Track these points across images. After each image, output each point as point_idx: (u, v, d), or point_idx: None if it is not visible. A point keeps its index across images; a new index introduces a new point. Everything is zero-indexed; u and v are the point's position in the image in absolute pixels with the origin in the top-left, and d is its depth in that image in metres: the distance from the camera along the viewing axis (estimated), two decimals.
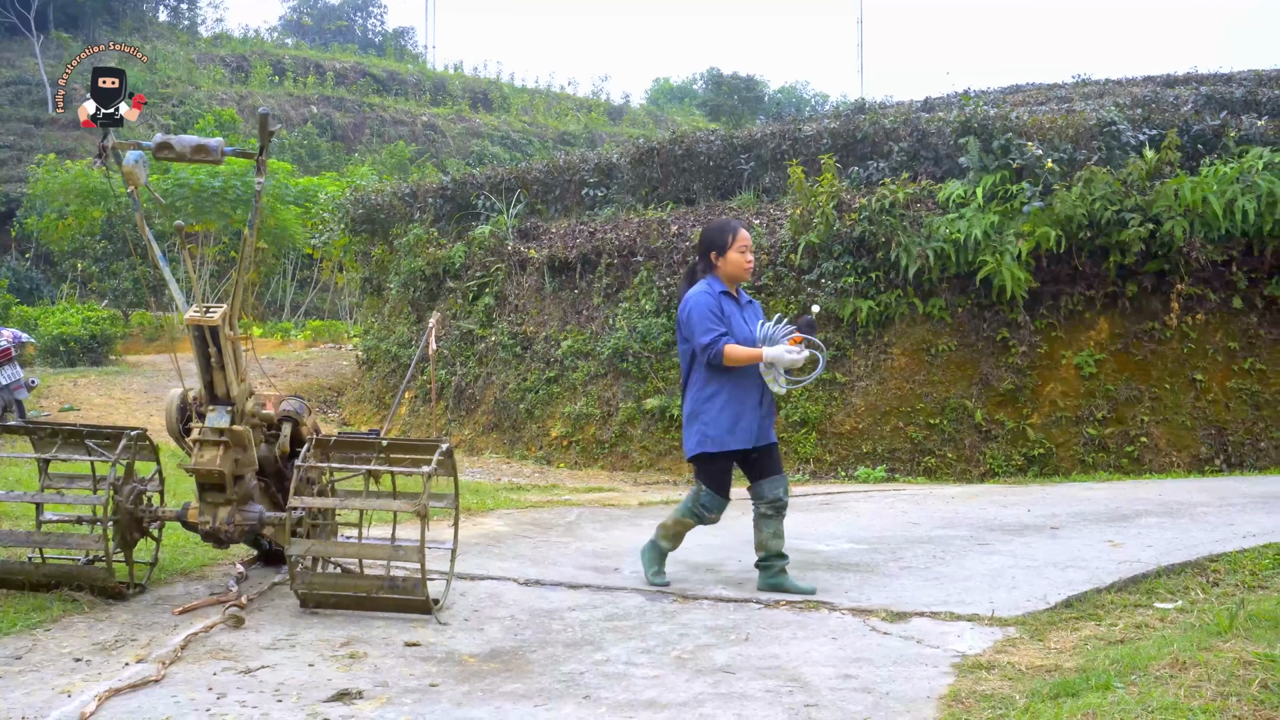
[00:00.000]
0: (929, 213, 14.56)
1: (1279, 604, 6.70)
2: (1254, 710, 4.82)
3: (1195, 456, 13.83)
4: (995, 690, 5.45)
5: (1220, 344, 14.19)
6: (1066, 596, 7.24)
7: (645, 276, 16.20)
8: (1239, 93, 17.39)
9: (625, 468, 15.02)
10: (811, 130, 17.35)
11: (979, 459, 13.90)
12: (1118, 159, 14.80)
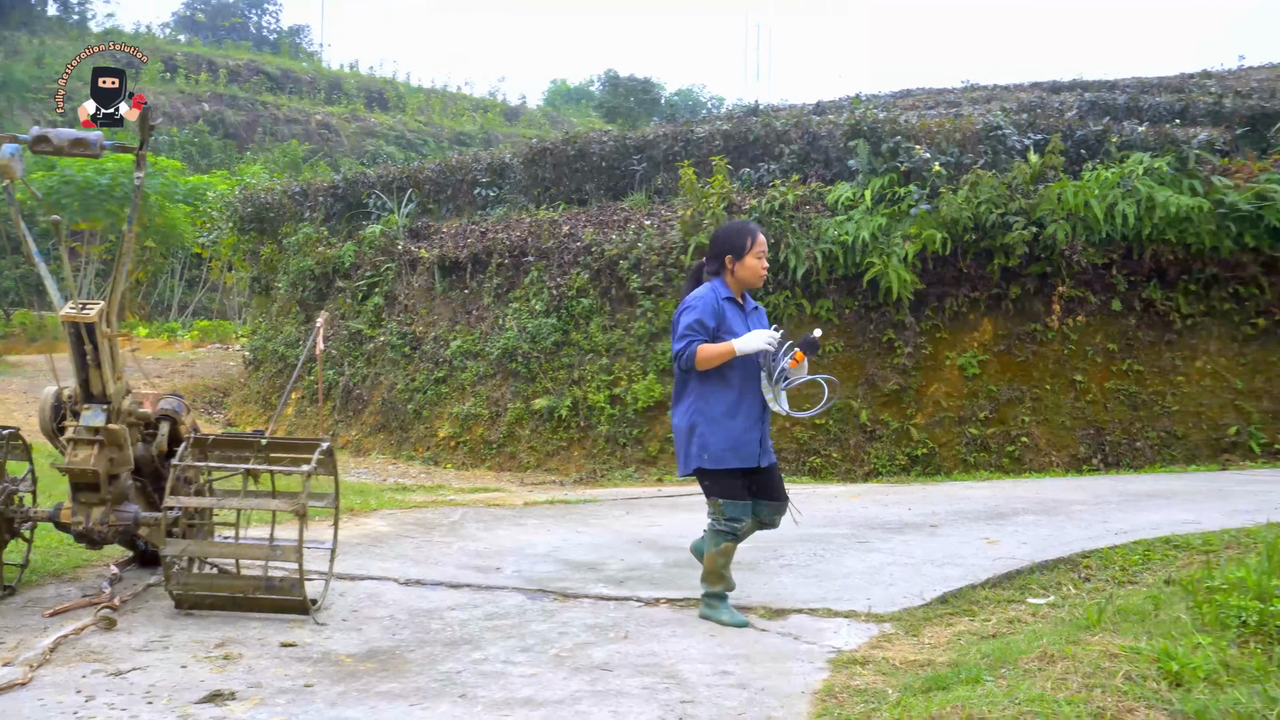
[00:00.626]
0: (818, 215, 14.68)
1: (1147, 599, 6.83)
2: (1117, 701, 4.90)
3: (1074, 456, 14.07)
4: (869, 685, 5.50)
5: (1100, 345, 14.45)
6: (942, 593, 7.33)
7: (536, 276, 16.17)
8: (1122, 99, 17.74)
9: (513, 468, 14.97)
10: (704, 132, 17.43)
11: (864, 459, 14.03)
12: (1003, 163, 15.03)
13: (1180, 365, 14.58)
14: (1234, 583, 6.74)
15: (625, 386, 14.92)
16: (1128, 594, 7.24)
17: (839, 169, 15.73)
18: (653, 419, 14.72)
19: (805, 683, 5.52)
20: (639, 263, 15.47)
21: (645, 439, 14.66)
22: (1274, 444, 14.30)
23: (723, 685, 5.46)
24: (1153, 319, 14.65)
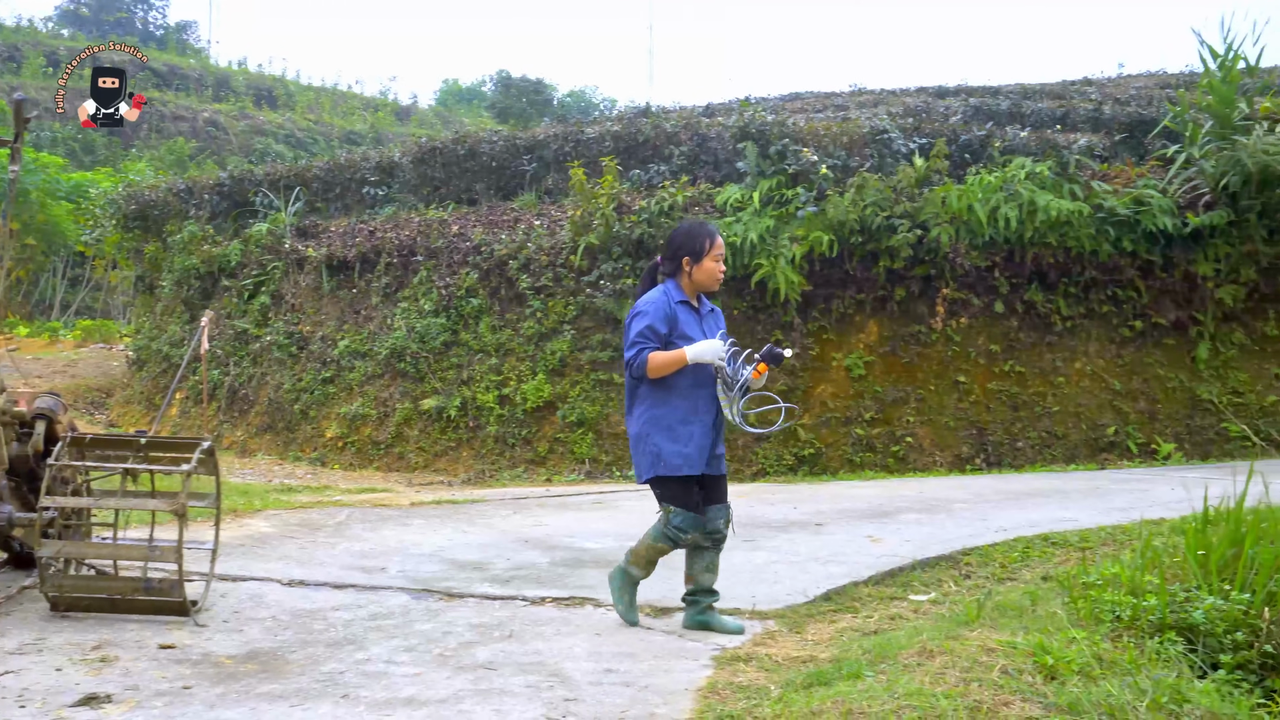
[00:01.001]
0: (707, 216, 14.75)
1: (1025, 594, 6.96)
2: (993, 694, 4.99)
3: (957, 456, 14.28)
4: (752, 681, 5.54)
5: (982, 347, 14.68)
6: (826, 590, 7.41)
7: (425, 276, 16.09)
8: (1005, 105, 18.03)
9: (401, 469, 14.88)
10: (594, 132, 17.44)
11: (751, 458, 14.13)
12: (889, 166, 15.22)
13: (1060, 366, 14.86)
14: (1109, 579, 6.88)
15: (514, 387, 14.89)
16: (1007, 590, 7.36)
17: (728, 171, 15.83)
18: (542, 419, 14.71)
19: (689, 680, 5.55)
20: (529, 263, 15.45)
21: (534, 439, 14.65)
22: (1150, 444, 14.62)
23: (607, 683, 5.47)
24: (1034, 321, 14.91)
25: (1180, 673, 5.68)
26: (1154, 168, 16.01)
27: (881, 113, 17.08)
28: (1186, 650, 6.14)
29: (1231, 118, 15.30)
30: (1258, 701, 5.70)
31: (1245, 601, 6.55)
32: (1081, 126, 17.46)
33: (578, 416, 14.47)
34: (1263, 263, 15.25)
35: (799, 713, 4.84)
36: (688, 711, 5.11)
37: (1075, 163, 15.19)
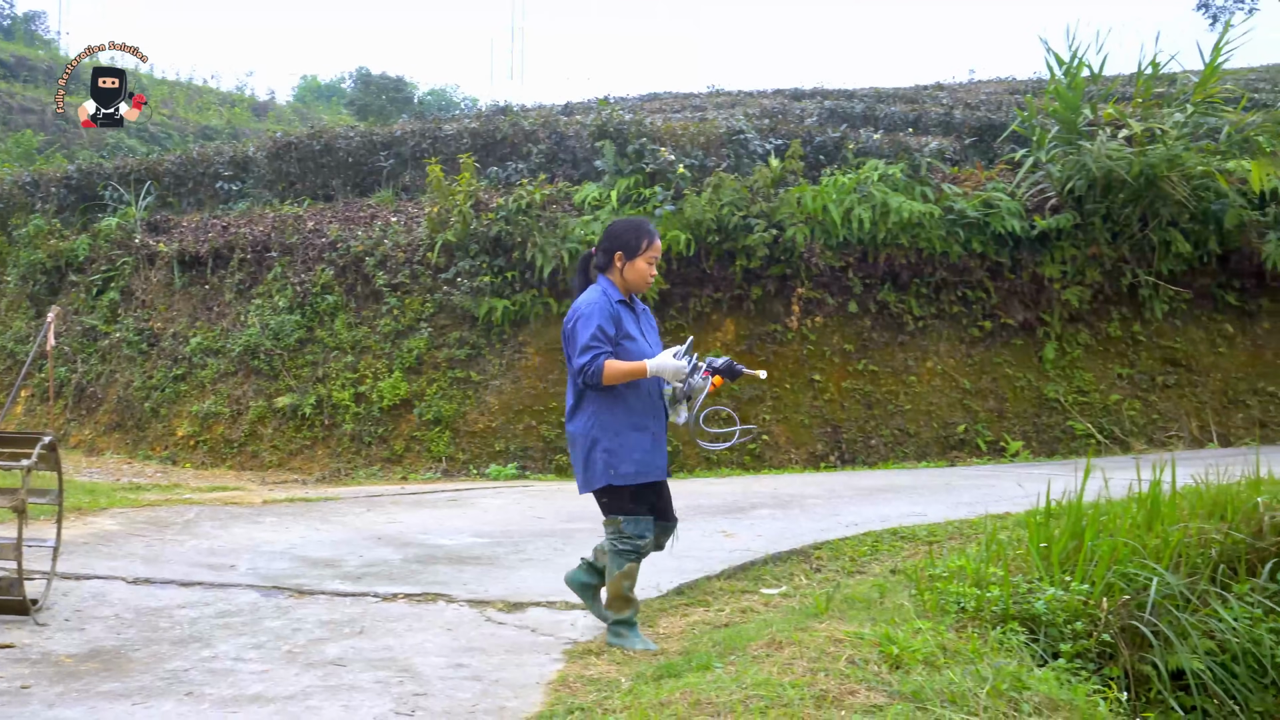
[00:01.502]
0: (565, 214, 14.77)
1: (873, 587, 7.08)
2: (839, 684, 5.07)
3: (812, 453, 14.45)
4: (603, 674, 5.57)
5: (837, 346, 14.87)
6: (679, 584, 7.47)
7: (280, 272, 15.88)
8: (859, 108, 18.29)
9: (254, 467, 14.67)
10: (452, 130, 17.37)
11: None
12: (746, 167, 15.36)
13: (912, 365, 15.11)
14: (954, 571, 7.03)
15: (371, 384, 14.76)
16: (856, 583, 7.47)
17: (586, 169, 15.86)
18: (398, 417, 14.60)
19: (540, 673, 5.57)
20: (385, 260, 15.33)
21: (391, 437, 14.53)
22: (999, 441, 14.94)
23: (457, 678, 5.46)
24: (887, 321, 15.15)
25: (1021, 661, 5.83)
26: (1003, 171, 16.36)
27: (739, 114, 17.23)
28: (1028, 640, 6.30)
29: (1077, 123, 15.69)
30: (1094, 688, 5.85)
31: (1085, 592, 6.74)
32: (933, 130, 17.79)
33: (435, 415, 14.39)
34: (1107, 265, 15.67)
35: (648, 704, 4.87)
36: (538, 704, 5.12)
37: (927, 165, 15.48)
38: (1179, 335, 16.31)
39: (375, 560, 8.14)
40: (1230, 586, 7.31)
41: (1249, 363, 16.60)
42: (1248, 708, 6.87)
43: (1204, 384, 16.24)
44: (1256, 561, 7.59)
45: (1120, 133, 15.67)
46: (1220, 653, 6.93)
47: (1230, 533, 7.59)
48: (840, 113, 18.13)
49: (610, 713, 4.85)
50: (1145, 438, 15.52)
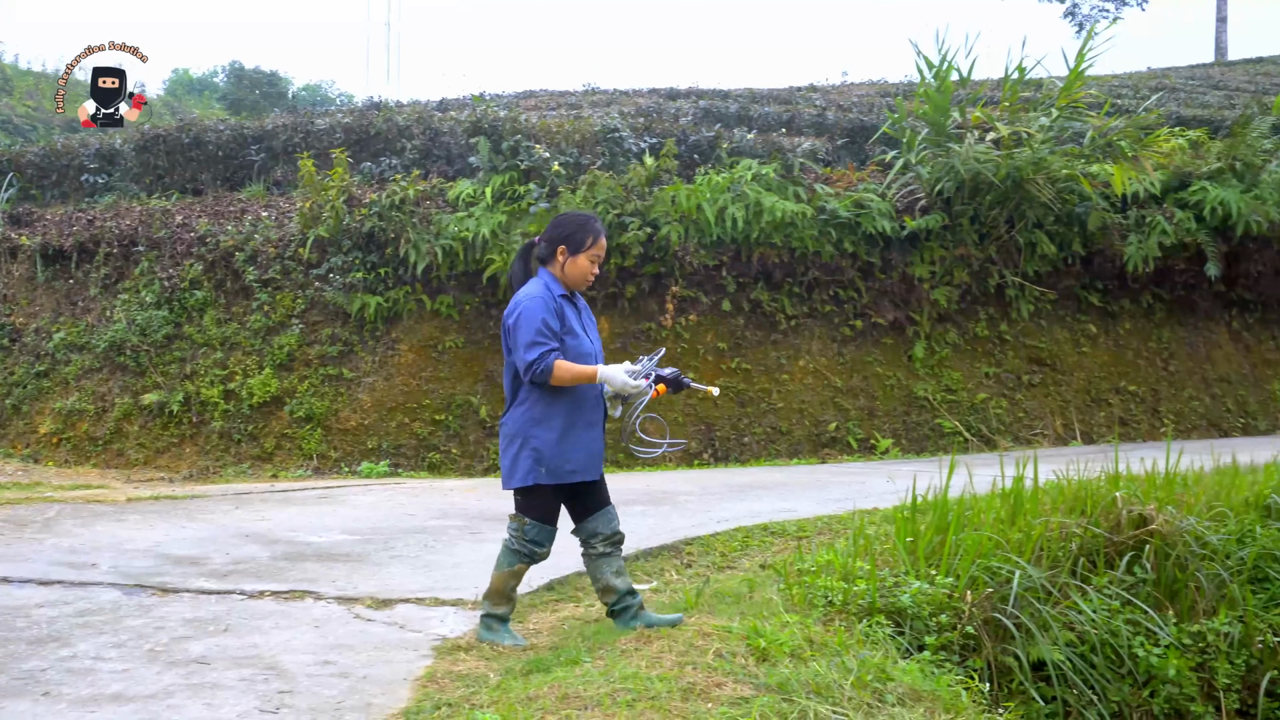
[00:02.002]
0: (439, 210, 14.69)
1: (743, 582, 7.14)
2: (707, 676, 5.11)
3: (686, 451, 14.52)
4: (472, 670, 5.56)
5: (711, 344, 14.97)
6: (549, 580, 7.47)
7: (147, 267, 15.58)
8: (734, 108, 18.42)
9: (120, 465, 14.37)
10: (325, 124, 17.20)
11: (483, 454, 14.11)
12: (621, 165, 15.39)
13: (785, 364, 15.25)
14: (823, 565, 7.12)
15: (241, 381, 14.55)
16: (726, 578, 7.54)
17: (461, 166, 15.79)
18: (269, 414, 14.41)
19: (408, 670, 5.54)
20: (256, 255, 15.12)
21: (261, 435, 14.33)
22: (869, 439, 15.13)
23: (324, 675, 5.42)
24: (760, 319, 15.28)
25: (887, 653, 5.92)
26: (874, 172, 16.58)
27: (614, 112, 17.25)
28: (894, 632, 6.40)
29: (946, 126, 15.95)
30: (957, 679, 5.96)
31: (949, 585, 6.86)
32: (806, 131, 17.97)
33: (306, 412, 14.23)
34: (974, 266, 15.96)
35: (516, 699, 4.87)
36: (405, 701, 5.10)
37: (800, 166, 15.64)
38: (1044, 335, 16.66)
39: (242, 558, 8.03)
40: (1090, 579, 7.49)
41: (1111, 362, 17.01)
42: (1106, 698, 7.04)
43: (1068, 383, 16.60)
44: (1115, 555, 7.79)
45: (988, 136, 15.96)
46: (1080, 644, 7.11)
47: (1090, 527, 7.78)
48: (715, 112, 18.24)
49: (478, 708, 4.84)
50: (1011, 435, 15.83)
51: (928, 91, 16.09)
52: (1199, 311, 17.83)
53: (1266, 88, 27.10)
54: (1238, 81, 29.38)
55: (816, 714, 4.85)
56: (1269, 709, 7.52)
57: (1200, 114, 22.15)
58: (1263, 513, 8.62)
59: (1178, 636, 7.42)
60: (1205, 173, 17.32)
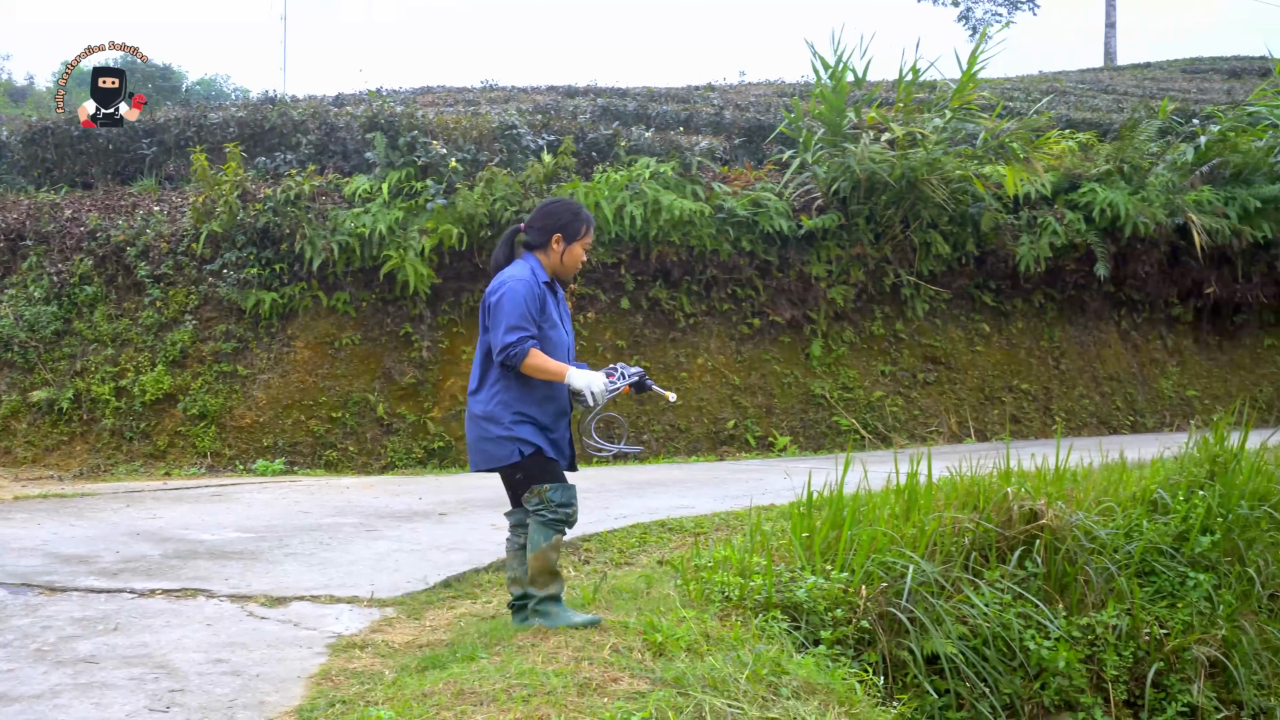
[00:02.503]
0: (335, 206, 14.56)
1: (640, 578, 7.16)
2: (603, 672, 5.12)
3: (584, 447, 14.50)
4: (367, 667, 5.53)
5: (610, 342, 14.98)
6: (446, 577, 7.44)
7: (35, 262, 15.28)
8: (632, 106, 18.45)
9: (7, 464, 14.06)
10: (218, 118, 16.98)
11: (380, 452, 14.02)
12: (518, 162, 15.36)
13: (684, 362, 15.31)
14: (720, 561, 7.15)
15: (133, 378, 14.31)
16: (623, 574, 7.55)
17: (357, 161, 15.66)
18: (162, 412, 14.19)
19: (302, 668, 5.49)
20: (148, 250, 14.88)
21: (154, 432, 14.12)
22: (767, 436, 15.23)
23: (216, 673, 5.36)
24: (659, 317, 15.32)
25: (782, 647, 5.97)
26: (771, 171, 16.68)
27: (512, 109, 17.21)
28: (791, 627, 6.45)
29: (841, 126, 16.09)
30: (851, 672, 6.02)
31: (845, 580, 6.93)
32: (704, 130, 18.05)
33: (200, 409, 14.04)
34: (870, 265, 16.13)
35: (411, 695, 4.85)
36: (299, 698, 5.06)
37: (698, 164, 15.71)
38: (939, 334, 16.88)
39: (133, 556, 7.91)
40: (982, 573, 7.60)
41: (1004, 361, 17.27)
42: (998, 690, 7.15)
43: (962, 381, 16.83)
44: (1006, 549, 7.91)
45: (883, 136, 16.13)
46: (972, 637, 7.21)
47: (982, 522, 7.90)
48: (613, 110, 18.26)
49: (373, 705, 4.82)
50: (907, 433, 16.02)
51: (823, 92, 16.22)
52: (1089, 311, 18.16)
53: (1154, 92, 27.65)
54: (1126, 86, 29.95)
55: (712, 708, 4.88)
56: (1155, 700, 7.68)
57: (1090, 117, 22.54)
58: (1149, 507, 8.79)
59: (1067, 629, 7.55)
60: (1094, 175, 17.65)
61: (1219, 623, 8.05)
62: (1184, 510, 8.62)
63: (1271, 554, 8.65)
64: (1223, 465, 9.01)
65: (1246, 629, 8.11)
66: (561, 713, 4.62)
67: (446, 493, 11.24)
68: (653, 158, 15.53)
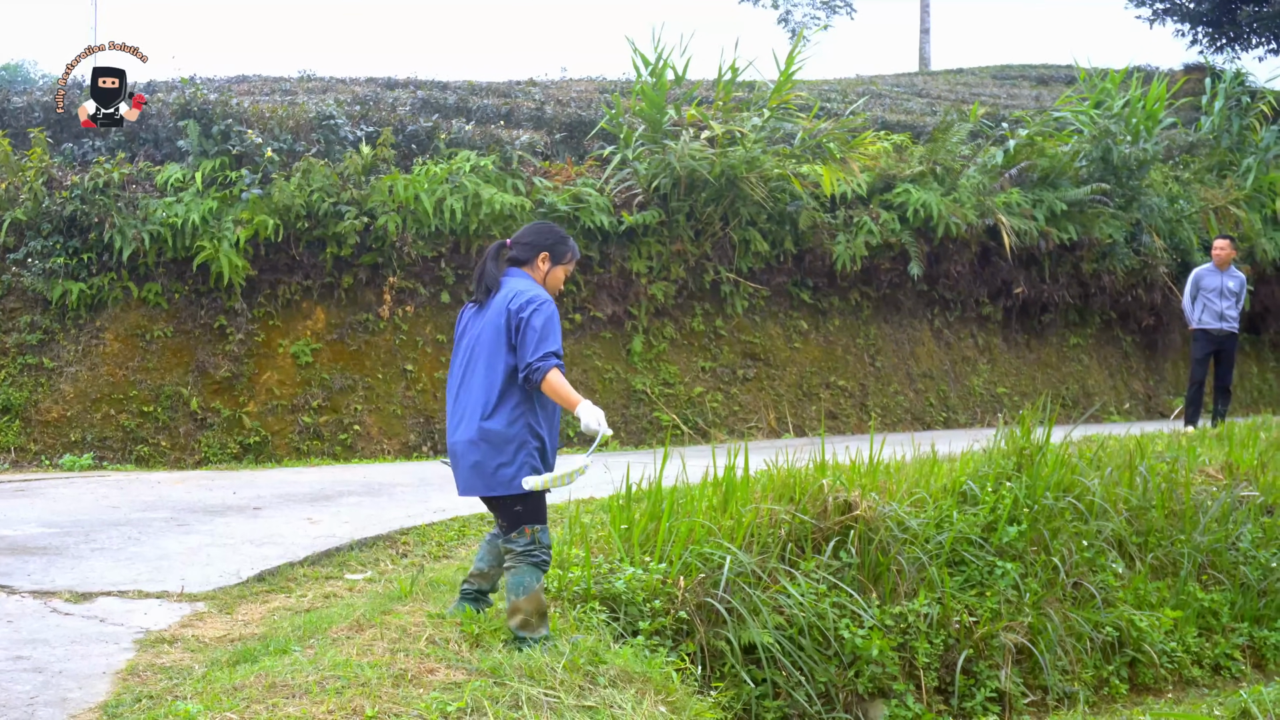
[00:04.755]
0: (146, 195, 14.18)
1: (458, 570, 7.14)
2: (419, 663, 5.10)
3: (405, 443, 14.40)
4: (176, 662, 5.43)
5: (430, 336, 14.86)
6: (260, 571, 7.32)
7: None
8: (452, 99, 18.33)
9: None
10: (22, 103, 16.43)
11: (194, 447, 13.71)
12: (336, 153, 15.15)
13: None
14: None
15: None
16: (442, 567, 7.53)
17: (170, 150, 15.27)
18: None
19: (108, 664, 5.37)
20: None
21: None
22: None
23: (16, 670, 5.20)
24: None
25: (600, 637, 6.00)
26: (592, 167, 16.70)
27: (330, 99, 16.95)
28: (610, 618, 6.49)
29: (662, 123, 16.18)
30: (669, 661, 6.07)
31: (663, 571, 6.99)
32: (525, 124, 17.99)
33: (3, 403, 13.56)
34: (690, 262, 16.25)
35: (221, 689, 4.77)
36: (104, 694, 4.94)
37: (518, 158, 15.67)
38: (758, 331, 17.08)
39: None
40: (798, 564, 7.73)
41: (821, 358, 17.55)
42: (813, 678, 7.28)
43: (781, 377, 17.07)
44: (821, 540, 8.05)
45: (703, 134, 16.27)
46: (789, 627, 7.33)
47: (798, 514, 8.02)
48: (433, 103, 18.10)
49: (181, 699, 4.72)
50: (727, 428, 16.20)
51: (644, 88, 16.30)
52: (904, 309, 18.54)
53: (966, 96, 28.33)
54: (940, 90, 30.62)
55: (529, 697, 4.89)
56: (965, 686, 7.88)
57: (904, 119, 23.00)
58: (959, 499, 9.02)
59: (881, 618, 7.71)
60: (908, 176, 18.02)
61: (1025, 610, 8.30)
62: (992, 501, 8.86)
63: (1075, 543, 8.93)
64: (1029, 458, 9.28)
65: (1051, 616, 8.36)
66: (376, 704, 4.58)
67: (262, 487, 11.04)
68: (473, 151, 15.44)
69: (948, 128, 19.09)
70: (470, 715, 4.63)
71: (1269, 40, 35.06)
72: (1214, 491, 10.50)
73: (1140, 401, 20.60)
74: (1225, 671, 8.97)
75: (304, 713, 4.46)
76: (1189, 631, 9.02)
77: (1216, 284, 15.17)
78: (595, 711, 4.98)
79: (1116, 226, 19.48)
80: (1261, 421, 14.24)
